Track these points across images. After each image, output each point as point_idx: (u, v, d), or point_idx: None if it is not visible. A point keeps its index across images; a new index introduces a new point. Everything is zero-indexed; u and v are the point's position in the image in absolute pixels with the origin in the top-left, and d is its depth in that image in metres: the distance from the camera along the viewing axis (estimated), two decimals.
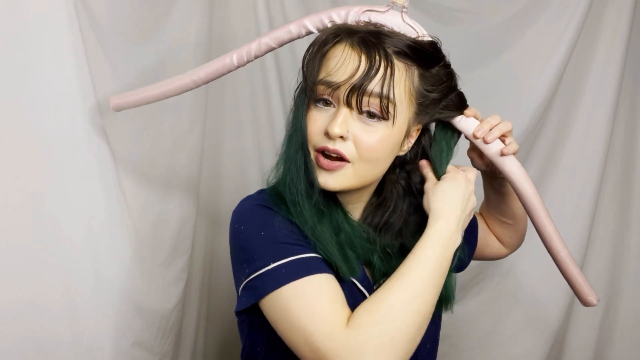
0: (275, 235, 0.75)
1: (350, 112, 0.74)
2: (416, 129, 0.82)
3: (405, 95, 0.75)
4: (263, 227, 0.76)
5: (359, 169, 0.76)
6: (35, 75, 0.90)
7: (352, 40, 0.74)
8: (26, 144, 0.90)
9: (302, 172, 0.77)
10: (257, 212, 0.79)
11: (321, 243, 0.76)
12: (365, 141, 0.74)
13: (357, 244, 0.81)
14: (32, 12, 0.88)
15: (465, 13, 1.52)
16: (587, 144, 1.58)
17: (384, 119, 0.74)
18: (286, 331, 0.71)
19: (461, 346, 1.68)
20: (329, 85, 0.74)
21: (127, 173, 1.11)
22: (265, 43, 0.86)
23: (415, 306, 0.70)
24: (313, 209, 0.78)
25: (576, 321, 1.70)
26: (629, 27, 1.52)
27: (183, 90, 0.93)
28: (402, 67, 0.75)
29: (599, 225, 1.67)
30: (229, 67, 0.89)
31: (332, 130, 0.73)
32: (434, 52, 0.78)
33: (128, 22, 1.10)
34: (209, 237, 1.50)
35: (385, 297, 0.70)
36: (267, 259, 0.73)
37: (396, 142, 0.78)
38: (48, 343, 0.94)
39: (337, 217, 0.81)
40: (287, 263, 0.73)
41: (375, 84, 0.72)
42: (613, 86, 1.54)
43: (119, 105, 0.97)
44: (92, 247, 1.00)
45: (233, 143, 1.49)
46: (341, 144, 0.74)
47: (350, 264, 0.78)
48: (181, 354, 1.44)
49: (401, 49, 0.74)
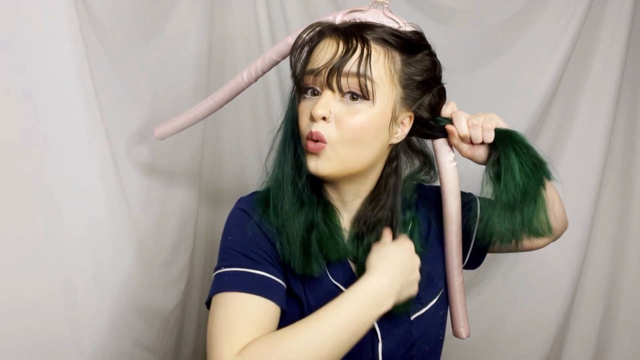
0: (238, 244, 0.81)
1: (332, 94, 0.77)
2: (408, 116, 0.83)
3: (386, 76, 0.77)
4: (232, 233, 0.82)
5: (339, 151, 0.77)
6: (35, 75, 0.90)
7: (334, 34, 0.78)
8: (27, 144, 0.90)
9: (291, 158, 0.82)
10: (235, 216, 0.85)
11: (286, 231, 0.80)
12: (347, 121, 0.76)
13: (328, 245, 0.81)
14: (32, 12, 0.88)
15: (465, 13, 1.52)
16: (587, 144, 1.58)
17: (365, 98, 0.76)
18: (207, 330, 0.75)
19: (461, 346, 1.68)
20: (312, 73, 0.78)
21: (128, 173, 1.11)
22: (269, 58, 0.93)
23: (307, 357, 0.70)
24: (294, 197, 0.81)
25: (576, 321, 1.71)
26: (629, 27, 1.52)
27: (210, 112, 1.02)
28: (380, 50, 0.77)
29: (599, 226, 1.67)
30: (242, 85, 0.97)
31: (314, 111, 0.76)
32: (416, 40, 0.81)
33: (128, 22, 1.10)
34: (209, 237, 1.51)
35: (284, 338, 0.71)
36: (222, 262, 0.79)
37: (380, 125, 0.78)
38: (49, 343, 0.94)
39: (316, 214, 0.83)
40: (232, 272, 0.78)
41: (352, 64, 0.75)
42: (613, 86, 1.54)
43: (162, 134, 1.07)
44: (93, 247, 1.00)
45: (233, 143, 1.49)
46: (323, 126, 0.77)
47: (308, 260, 0.80)
48: (182, 354, 1.44)
49: (380, 36, 0.78)
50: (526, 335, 1.66)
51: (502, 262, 1.64)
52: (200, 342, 1.52)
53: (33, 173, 0.91)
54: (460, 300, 0.93)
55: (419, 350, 0.87)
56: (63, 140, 0.95)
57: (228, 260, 0.79)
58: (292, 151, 0.82)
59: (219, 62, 1.39)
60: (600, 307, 1.71)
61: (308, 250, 0.80)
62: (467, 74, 1.53)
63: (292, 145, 0.82)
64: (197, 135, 1.35)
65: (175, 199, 1.29)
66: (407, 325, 0.85)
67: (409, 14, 1.48)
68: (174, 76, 1.24)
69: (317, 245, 0.80)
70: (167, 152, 1.24)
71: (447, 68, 0.87)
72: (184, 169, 1.32)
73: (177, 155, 1.29)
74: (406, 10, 1.48)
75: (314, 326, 0.72)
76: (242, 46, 1.42)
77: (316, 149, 0.77)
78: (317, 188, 0.84)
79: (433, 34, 0.84)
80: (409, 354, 0.85)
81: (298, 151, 0.81)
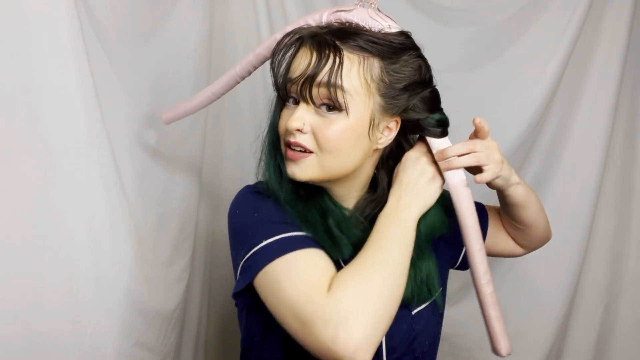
0: (268, 216, 0.81)
1: (307, 107, 0.78)
2: (394, 121, 0.82)
3: (362, 87, 0.77)
4: (256, 209, 0.82)
5: (322, 160, 0.79)
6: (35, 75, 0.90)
7: (310, 42, 0.78)
8: (27, 144, 0.90)
9: (273, 166, 0.84)
10: (251, 197, 0.85)
11: (306, 226, 0.80)
12: (322, 133, 0.77)
13: (344, 226, 0.83)
14: (32, 12, 0.88)
15: (465, 13, 1.52)
16: (587, 144, 1.59)
17: (337, 109, 0.76)
18: (275, 305, 0.74)
19: (461, 346, 1.68)
20: (290, 81, 0.79)
21: (128, 174, 1.11)
22: (259, 53, 0.93)
23: (384, 269, 0.73)
24: (290, 195, 0.83)
25: (576, 321, 1.71)
26: (629, 27, 1.52)
27: (208, 102, 1.04)
28: (355, 59, 0.77)
29: (599, 225, 1.67)
30: (235, 78, 0.98)
31: (289, 124, 0.77)
32: (398, 43, 0.79)
33: (129, 22, 1.10)
34: (210, 237, 1.51)
35: (358, 263, 0.74)
36: (260, 237, 0.77)
37: (358, 134, 0.78)
38: (50, 343, 0.94)
39: (323, 203, 0.84)
40: (278, 240, 0.76)
41: (324, 75, 0.75)
42: (613, 86, 1.54)
43: (169, 119, 1.10)
44: (94, 247, 1.00)
45: (233, 143, 1.49)
46: (301, 137, 0.78)
47: (337, 244, 0.80)
48: (183, 354, 1.44)
49: (357, 43, 0.77)
50: (526, 335, 1.66)
51: (502, 262, 1.64)
52: (200, 342, 1.52)
53: (33, 173, 0.91)
54: (495, 315, 0.86)
55: (419, 345, 0.88)
56: (63, 140, 0.95)
57: (264, 233, 0.78)
58: (273, 160, 0.84)
59: (219, 62, 1.39)
60: (600, 307, 1.71)
61: (332, 235, 0.81)
62: (466, 74, 1.53)
63: (273, 154, 0.85)
64: (198, 136, 1.35)
65: (176, 199, 1.29)
66: (409, 320, 0.86)
67: (409, 13, 1.48)
68: (174, 76, 1.24)
69: (337, 229, 0.81)
70: (167, 152, 1.24)
71: (447, 68, 0.87)
72: (184, 170, 1.32)
73: (178, 156, 1.29)
74: (406, 10, 1.47)
75: (372, 248, 0.75)
76: (243, 46, 1.42)
77: (297, 157, 0.79)
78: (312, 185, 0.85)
79: (433, 34, 0.84)
80: (410, 348, 0.86)
81: (278, 159, 0.83)
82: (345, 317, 0.67)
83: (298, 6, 1.43)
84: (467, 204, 0.83)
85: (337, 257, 0.80)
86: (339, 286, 0.70)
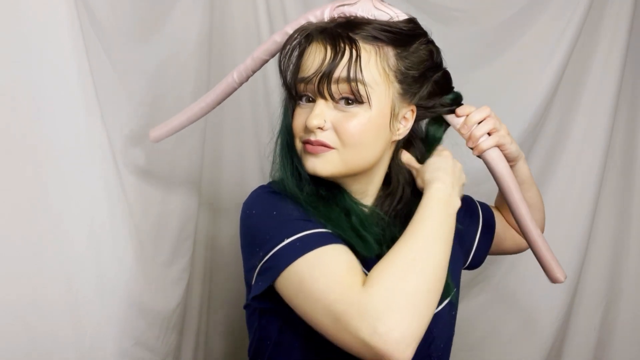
0: (288, 214, 0.77)
1: (326, 103, 0.76)
2: (410, 110, 0.82)
3: (381, 76, 0.76)
4: (275, 208, 0.78)
5: (344, 155, 0.77)
6: (36, 75, 0.90)
7: (321, 37, 0.76)
8: (27, 144, 0.90)
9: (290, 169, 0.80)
10: (268, 197, 0.81)
11: (332, 226, 0.76)
12: (345, 127, 0.75)
13: (368, 224, 0.81)
14: (33, 12, 0.88)
15: (465, 13, 1.52)
16: (587, 144, 1.59)
17: (359, 102, 0.75)
18: (303, 305, 0.70)
19: (461, 346, 1.68)
20: (303, 81, 0.76)
21: (128, 173, 1.11)
22: (257, 57, 0.91)
23: (426, 261, 0.69)
24: (311, 197, 0.80)
25: (576, 321, 1.71)
26: (629, 27, 1.52)
27: (203, 114, 1.00)
28: (371, 50, 0.76)
29: (599, 225, 1.67)
30: (232, 86, 0.95)
31: (309, 123, 0.75)
32: (408, 30, 0.79)
33: (129, 22, 1.10)
34: (210, 237, 1.50)
35: (396, 255, 0.69)
36: (281, 236, 0.73)
37: (380, 125, 0.77)
38: (50, 343, 0.94)
39: (344, 202, 0.82)
40: (301, 237, 0.73)
41: (342, 69, 0.73)
42: (613, 86, 1.54)
43: (157, 137, 1.05)
44: (94, 247, 1.00)
45: (233, 143, 1.49)
46: (322, 134, 0.76)
47: (366, 242, 0.78)
48: (183, 354, 1.44)
49: (369, 33, 0.76)
50: (526, 335, 1.66)
51: (502, 263, 1.64)
52: (201, 342, 1.52)
53: (33, 173, 0.91)
54: (545, 246, 0.92)
55: (435, 348, 0.86)
56: (63, 140, 0.95)
57: (286, 231, 0.74)
58: (290, 163, 0.81)
59: (219, 62, 1.39)
60: (600, 307, 1.71)
61: (359, 234, 0.79)
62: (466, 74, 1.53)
63: (289, 156, 0.81)
64: (198, 136, 1.35)
65: (176, 199, 1.29)
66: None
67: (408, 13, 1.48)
68: (174, 76, 1.24)
69: (361, 228, 0.79)
70: (167, 152, 1.24)
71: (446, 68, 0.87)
72: (184, 169, 1.32)
73: (178, 156, 1.29)
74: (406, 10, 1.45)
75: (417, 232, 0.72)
76: (243, 46, 1.42)
77: (319, 150, 0.76)
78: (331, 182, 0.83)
79: (433, 34, 0.84)
80: (427, 351, 0.84)
81: (295, 162, 0.80)
82: (383, 311, 0.63)
83: (298, 6, 1.43)
84: (503, 163, 0.87)
85: (367, 255, 0.77)
86: (376, 279, 0.66)
